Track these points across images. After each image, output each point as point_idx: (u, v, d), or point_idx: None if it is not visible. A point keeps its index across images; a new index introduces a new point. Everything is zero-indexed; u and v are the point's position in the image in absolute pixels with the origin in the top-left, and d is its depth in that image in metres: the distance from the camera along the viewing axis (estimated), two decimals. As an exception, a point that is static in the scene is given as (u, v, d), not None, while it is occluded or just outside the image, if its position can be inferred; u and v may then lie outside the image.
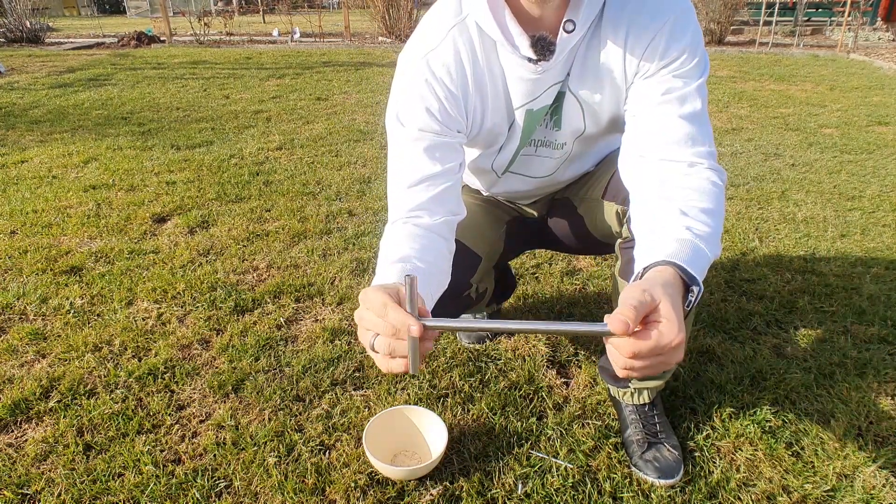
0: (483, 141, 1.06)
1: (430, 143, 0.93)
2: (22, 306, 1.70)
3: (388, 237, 0.91)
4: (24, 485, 1.11)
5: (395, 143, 0.96)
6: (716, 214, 0.82)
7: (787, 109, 4.28)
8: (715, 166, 0.88)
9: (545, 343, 1.53)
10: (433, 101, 0.92)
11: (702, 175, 0.85)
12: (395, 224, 0.93)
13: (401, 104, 0.94)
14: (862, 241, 2.13)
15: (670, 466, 1.12)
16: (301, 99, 4.69)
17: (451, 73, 0.93)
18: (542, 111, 1.00)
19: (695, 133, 0.88)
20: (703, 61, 0.90)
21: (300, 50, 8.12)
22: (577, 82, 0.97)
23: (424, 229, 0.91)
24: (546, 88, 0.96)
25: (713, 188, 0.84)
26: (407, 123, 0.93)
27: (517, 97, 0.97)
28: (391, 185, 0.97)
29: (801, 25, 9.74)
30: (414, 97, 0.93)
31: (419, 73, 0.93)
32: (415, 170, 0.93)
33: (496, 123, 1.01)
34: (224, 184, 2.71)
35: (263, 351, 1.50)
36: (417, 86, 0.93)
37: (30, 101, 4.60)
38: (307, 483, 1.11)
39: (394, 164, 0.96)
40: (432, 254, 0.89)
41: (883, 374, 1.41)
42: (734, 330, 1.60)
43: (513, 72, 0.94)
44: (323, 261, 1.99)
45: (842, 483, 1.11)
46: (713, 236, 0.79)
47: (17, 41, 8.82)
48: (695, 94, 0.89)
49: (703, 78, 0.90)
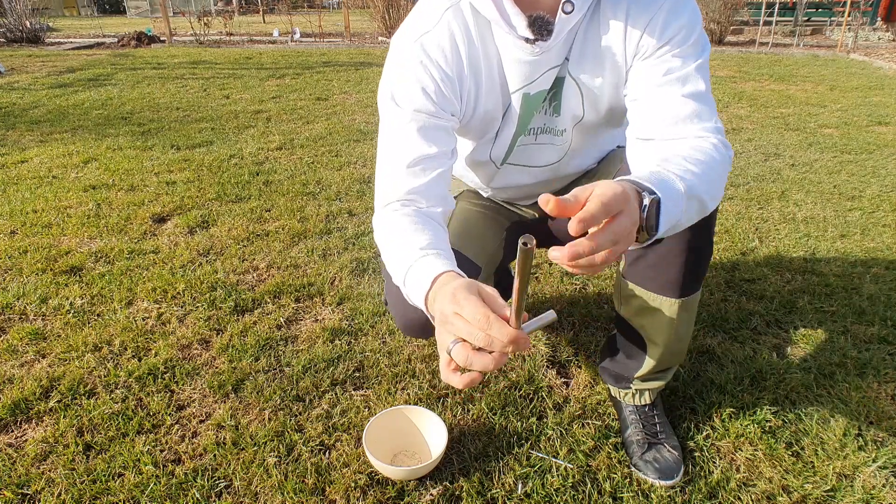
0: (477, 128, 1.04)
1: (424, 125, 0.92)
2: (22, 306, 1.70)
3: (397, 223, 0.89)
4: (24, 485, 1.11)
5: (389, 124, 0.95)
6: (703, 164, 0.80)
7: (787, 109, 4.28)
8: (722, 140, 0.87)
9: (545, 343, 1.53)
10: (429, 82, 0.92)
11: (704, 143, 0.85)
12: (394, 206, 0.91)
13: (395, 84, 0.93)
14: (862, 241, 2.13)
15: (670, 467, 1.12)
16: (301, 99, 4.69)
17: (447, 55, 0.92)
18: (540, 96, 0.99)
19: (700, 111, 0.87)
20: (703, 40, 0.90)
21: (300, 50, 8.12)
22: (576, 66, 0.96)
23: (426, 216, 0.91)
24: (544, 72, 0.95)
25: (711, 149, 0.84)
26: (402, 104, 0.92)
27: (514, 80, 0.96)
28: (384, 165, 0.95)
29: (801, 25, 9.74)
30: (409, 78, 0.92)
31: (414, 55, 0.92)
32: (411, 150, 0.92)
33: (490, 108, 1.00)
34: (224, 184, 2.71)
35: (263, 351, 1.50)
36: (413, 67, 0.92)
37: (30, 101, 4.60)
38: (307, 483, 1.11)
39: (387, 144, 0.95)
40: (447, 243, 0.88)
41: (883, 375, 1.41)
42: (734, 330, 1.60)
43: (509, 54, 0.93)
44: (323, 261, 1.99)
45: (842, 483, 1.11)
46: (690, 174, 0.76)
47: (17, 41, 8.82)
48: (696, 74, 0.88)
49: (703, 57, 0.90)
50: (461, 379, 0.67)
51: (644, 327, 1.11)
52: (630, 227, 0.62)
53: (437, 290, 0.74)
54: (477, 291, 0.66)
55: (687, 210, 0.76)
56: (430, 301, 0.76)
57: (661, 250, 1.00)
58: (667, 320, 1.06)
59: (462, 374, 0.67)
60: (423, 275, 0.78)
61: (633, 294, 1.08)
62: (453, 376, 0.68)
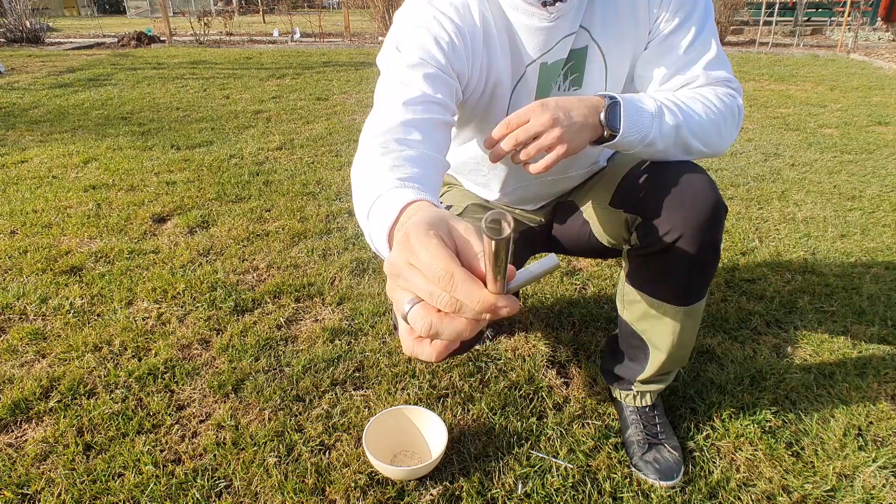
0: (485, 104, 0.98)
1: (431, 72, 0.84)
2: (22, 306, 1.70)
3: (379, 157, 0.72)
4: (24, 485, 1.11)
5: (389, 71, 0.85)
6: (697, 104, 0.91)
7: (787, 109, 4.28)
8: (730, 91, 0.96)
9: (545, 343, 1.53)
10: (441, 32, 0.86)
11: (706, 91, 0.94)
12: (381, 141, 0.75)
13: (402, 35, 0.87)
14: (862, 241, 2.13)
15: (671, 467, 1.12)
16: (301, 99, 4.69)
17: (460, 11, 0.89)
18: (557, 66, 0.97)
19: (710, 69, 0.96)
20: (707, 3, 0.97)
21: (300, 50, 8.12)
22: (601, 32, 0.95)
23: (418, 157, 0.74)
24: (559, 40, 0.93)
25: (712, 95, 0.93)
26: (406, 51, 0.85)
27: (531, 49, 0.93)
28: (376, 107, 0.82)
29: (801, 25, 9.73)
30: (419, 28, 0.86)
31: (426, 10, 0.88)
32: (413, 89, 0.81)
33: (503, 78, 0.95)
34: (224, 184, 2.71)
35: (263, 351, 1.50)
36: (425, 20, 0.87)
37: (30, 101, 4.60)
38: (307, 483, 1.11)
39: (385, 89, 0.83)
40: (436, 188, 0.74)
41: (883, 375, 1.41)
42: (734, 330, 1.60)
43: (522, 22, 0.91)
44: (323, 261, 1.99)
45: (842, 483, 1.11)
46: (672, 103, 0.90)
47: (17, 41, 8.82)
48: (707, 39, 0.95)
49: (711, 16, 0.97)
50: (431, 349, 0.49)
51: (647, 332, 1.10)
52: (546, 122, 0.82)
53: (401, 226, 0.56)
54: (438, 234, 0.46)
55: (662, 132, 0.89)
56: (393, 240, 0.56)
57: (666, 257, 0.98)
58: (671, 327, 1.05)
59: (432, 343, 0.49)
60: (392, 205, 0.60)
61: (636, 300, 1.07)
62: (419, 347, 0.49)
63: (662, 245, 0.96)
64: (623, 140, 0.87)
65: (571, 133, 0.83)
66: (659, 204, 0.96)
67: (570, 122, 0.83)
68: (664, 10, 0.94)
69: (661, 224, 0.95)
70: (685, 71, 0.95)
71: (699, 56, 0.95)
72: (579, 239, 1.21)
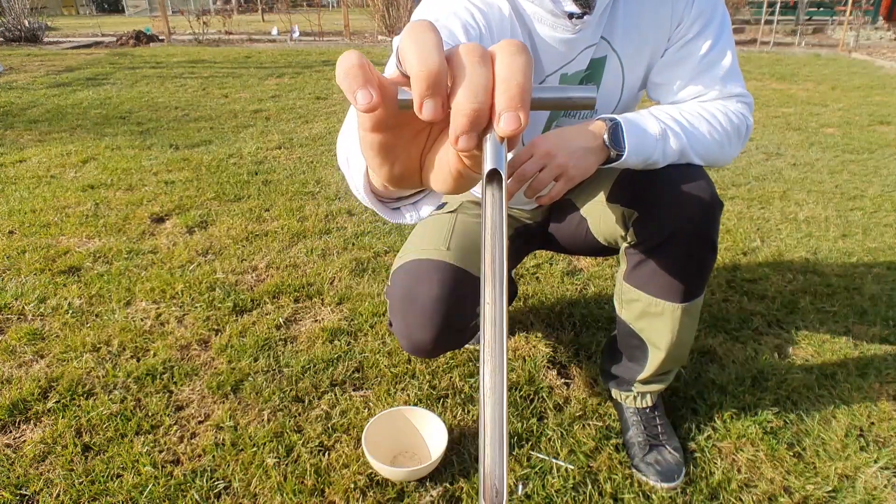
0: None
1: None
2: (20, 306, 1.70)
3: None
4: (22, 485, 1.10)
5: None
6: (700, 121, 0.93)
7: (789, 109, 4.27)
8: (740, 108, 0.96)
9: (545, 343, 1.53)
10: (471, 21, 0.84)
11: (713, 106, 0.95)
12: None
13: (430, 17, 0.83)
14: (864, 241, 2.12)
15: (672, 469, 1.12)
16: (300, 98, 4.68)
17: (491, 5, 0.88)
18: (577, 77, 0.98)
19: (723, 83, 0.97)
20: (724, 8, 0.98)
21: (299, 49, 8.11)
22: (621, 41, 0.96)
23: None
24: (581, 50, 0.94)
25: (718, 113, 0.94)
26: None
27: (553, 60, 0.94)
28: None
29: (802, 24, 9.73)
30: (449, 14, 0.83)
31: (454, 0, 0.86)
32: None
33: None
34: (223, 183, 2.70)
35: (262, 351, 1.50)
36: (454, 7, 0.85)
37: (28, 100, 4.59)
38: (306, 484, 1.10)
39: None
40: None
41: (885, 375, 1.40)
42: (735, 330, 1.59)
43: (546, 33, 0.91)
44: (322, 261, 1.98)
45: (843, 484, 1.11)
46: (674, 121, 0.91)
47: (16, 40, 8.80)
48: (724, 49, 0.96)
49: (728, 26, 0.98)
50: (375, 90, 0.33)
51: (646, 331, 1.10)
52: (547, 153, 0.87)
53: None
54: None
55: (666, 155, 0.92)
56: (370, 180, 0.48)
57: (662, 253, 0.99)
58: (669, 325, 1.05)
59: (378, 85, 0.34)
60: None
61: (634, 298, 1.07)
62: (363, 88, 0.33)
63: (658, 240, 0.98)
64: (627, 161, 0.91)
65: (575, 160, 0.89)
66: (655, 199, 0.97)
67: (570, 150, 0.88)
68: (686, 16, 0.95)
69: (657, 218, 0.96)
70: (699, 81, 0.97)
71: (714, 66, 0.97)
72: (576, 236, 1.22)
